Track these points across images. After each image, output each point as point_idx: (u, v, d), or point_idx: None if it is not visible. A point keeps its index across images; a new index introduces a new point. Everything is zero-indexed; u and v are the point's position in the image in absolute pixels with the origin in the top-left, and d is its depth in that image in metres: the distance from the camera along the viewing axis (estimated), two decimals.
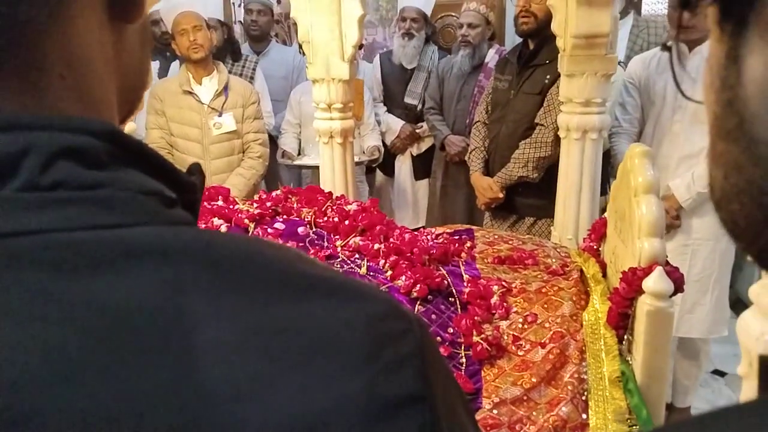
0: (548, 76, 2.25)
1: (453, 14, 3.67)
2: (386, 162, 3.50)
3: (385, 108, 3.49)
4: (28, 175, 0.28)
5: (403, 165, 3.53)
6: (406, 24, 3.29)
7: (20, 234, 0.28)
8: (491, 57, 3.03)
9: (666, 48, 2.21)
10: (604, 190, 1.84)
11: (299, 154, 3.35)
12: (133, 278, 0.28)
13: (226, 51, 3.11)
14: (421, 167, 3.47)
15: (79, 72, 0.33)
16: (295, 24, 3.52)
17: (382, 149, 3.40)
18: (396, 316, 0.32)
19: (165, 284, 0.28)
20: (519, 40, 2.62)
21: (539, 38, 2.31)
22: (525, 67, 2.39)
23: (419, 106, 3.37)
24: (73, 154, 0.29)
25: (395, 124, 3.43)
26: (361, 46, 2.56)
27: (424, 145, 3.45)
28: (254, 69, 3.15)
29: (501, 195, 2.46)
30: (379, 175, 3.67)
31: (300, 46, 3.67)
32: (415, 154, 3.49)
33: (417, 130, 3.41)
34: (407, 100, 3.42)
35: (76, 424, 0.25)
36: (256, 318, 0.29)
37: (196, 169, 0.38)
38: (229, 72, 3.01)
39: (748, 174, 0.27)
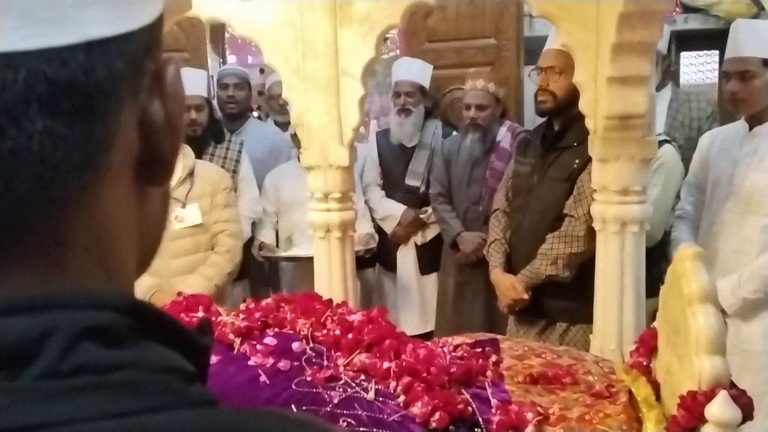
0: (577, 160, 2.29)
1: (462, 87, 3.76)
2: (387, 254, 3.49)
3: (383, 192, 3.51)
4: (48, 362, 0.31)
5: (407, 257, 3.51)
6: (401, 99, 3.34)
7: (38, 428, 0.30)
8: (503, 135, 3.10)
9: None
10: (655, 291, 1.81)
11: (276, 246, 3.33)
12: None
13: (210, 132, 3.09)
14: (428, 259, 3.45)
15: (103, 243, 0.36)
16: (273, 97, 3.63)
17: (377, 237, 3.39)
18: None
19: None
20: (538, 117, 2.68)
21: (564, 118, 2.37)
22: (550, 150, 2.44)
23: (422, 188, 3.41)
24: (96, 334, 0.32)
25: (396, 210, 3.43)
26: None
27: (430, 233, 3.44)
28: (239, 152, 3.16)
29: (526, 296, 2.44)
30: (378, 270, 3.64)
31: (275, 123, 3.76)
32: (419, 244, 3.48)
33: (421, 215, 3.42)
34: (408, 181, 3.45)
35: None
36: None
37: (207, 328, 0.42)
38: (212, 156, 3.04)
39: None
